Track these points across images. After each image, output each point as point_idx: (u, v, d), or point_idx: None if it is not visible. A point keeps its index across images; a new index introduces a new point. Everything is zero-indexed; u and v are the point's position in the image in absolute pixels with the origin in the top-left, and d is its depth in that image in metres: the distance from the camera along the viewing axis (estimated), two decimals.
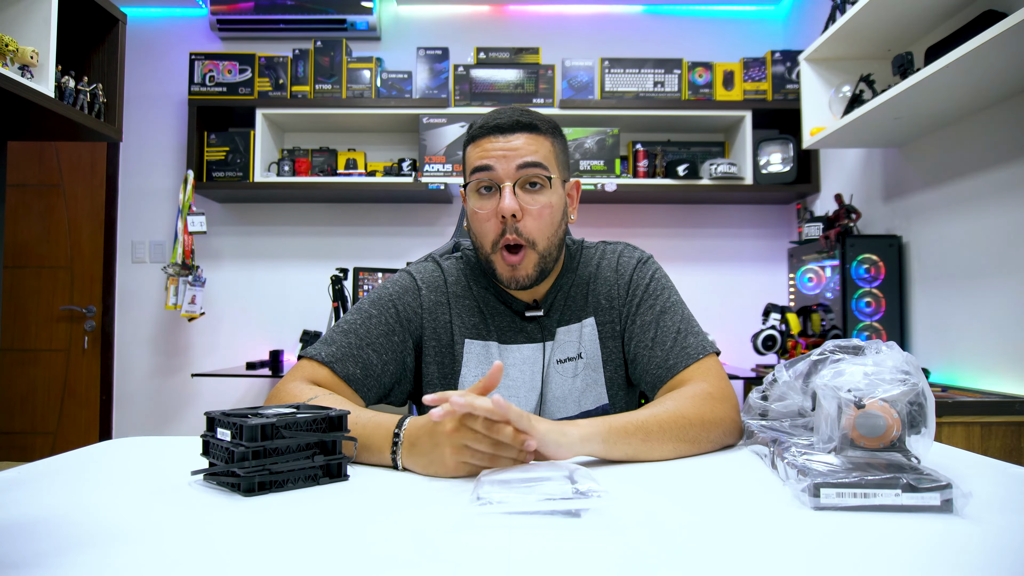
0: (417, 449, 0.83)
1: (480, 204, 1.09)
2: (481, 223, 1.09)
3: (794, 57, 3.08)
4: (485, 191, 1.09)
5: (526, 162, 1.07)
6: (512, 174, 1.06)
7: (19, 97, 1.63)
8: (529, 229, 1.07)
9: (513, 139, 1.08)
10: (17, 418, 3.36)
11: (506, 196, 1.05)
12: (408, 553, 0.56)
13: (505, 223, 1.06)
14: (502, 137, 1.08)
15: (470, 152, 1.12)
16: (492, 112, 1.12)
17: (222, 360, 3.33)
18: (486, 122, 1.10)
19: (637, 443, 0.88)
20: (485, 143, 1.09)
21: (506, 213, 1.05)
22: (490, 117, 1.11)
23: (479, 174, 1.08)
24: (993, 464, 0.86)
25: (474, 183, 1.09)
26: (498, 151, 1.07)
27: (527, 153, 1.07)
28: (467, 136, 1.14)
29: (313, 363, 1.05)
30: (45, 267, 3.39)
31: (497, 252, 1.09)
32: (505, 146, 1.07)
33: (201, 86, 3.11)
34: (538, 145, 1.09)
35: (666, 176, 3.13)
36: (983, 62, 1.62)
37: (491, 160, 1.07)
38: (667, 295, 1.15)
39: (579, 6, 3.42)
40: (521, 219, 1.06)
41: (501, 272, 1.10)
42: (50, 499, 0.72)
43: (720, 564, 0.54)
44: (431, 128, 3.07)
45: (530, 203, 1.07)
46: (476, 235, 1.12)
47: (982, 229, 2.01)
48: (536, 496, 0.66)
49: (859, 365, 0.75)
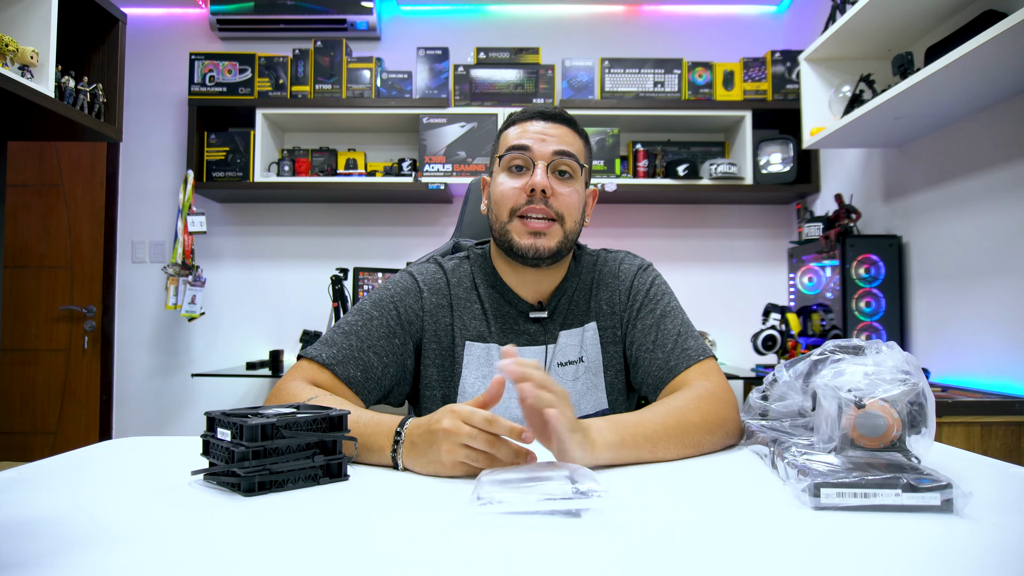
0: (417, 448, 0.82)
1: (509, 178, 1.11)
2: (506, 193, 1.11)
3: (794, 57, 3.08)
4: (516, 170, 1.11)
5: (562, 150, 1.10)
6: (547, 156, 1.10)
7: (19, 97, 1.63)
8: (558, 206, 1.10)
9: (553, 127, 1.12)
10: (17, 418, 3.36)
11: (538, 172, 1.08)
12: (408, 553, 0.56)
13: (532, 196, 1.08)
14: (543, 123, 1.12)
15: (508, 133, 1.15)
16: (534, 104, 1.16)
17: (222, 360, 3.33)
18: (529, 109, 1.15)
19: (644, 453, 0.88)
20: (526, 125, 1.13)
21: (537, 187, 1.08)
22: (532, 106, 1.17)
23: (514, 152, 1.11)
24: (993, 464, 0.86)
25: (507, 159, 1.12)
26: (537, 133, 1.11)
27: (564, 142, 1.11)
28: (506, 122, 1.18)
29: (313, 364, 1.05)
30: (45, 267, 3.39)
31: (515, 220, 1.10)
32: (544, 131, 1.11)
33: (201, 86, 3.11)
34: (574, 139, 1.14)
35: (666, 176, 3.13)
36: (983, 62, 1.62)
37: (529, 140, 1.10)
38: (667, 300, 1.16)
39: (579, 6, 3.42)
40: (550, 196, 1.09)
41: (518, 239, 1.10)
42: (50, 499, 0.72)
43: (720, 564, 0.54)
44: (431, 128, 3.07)
45: (560, 186, 1.10)
46: (496, 206, 1.13)
47: (982, 229, 2.01)
48: (536, 496, 0.65)
49: (859, 365, 0.75)
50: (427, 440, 0.81)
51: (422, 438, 0.82)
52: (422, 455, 0.82)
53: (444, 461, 0.79)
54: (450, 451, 0.79)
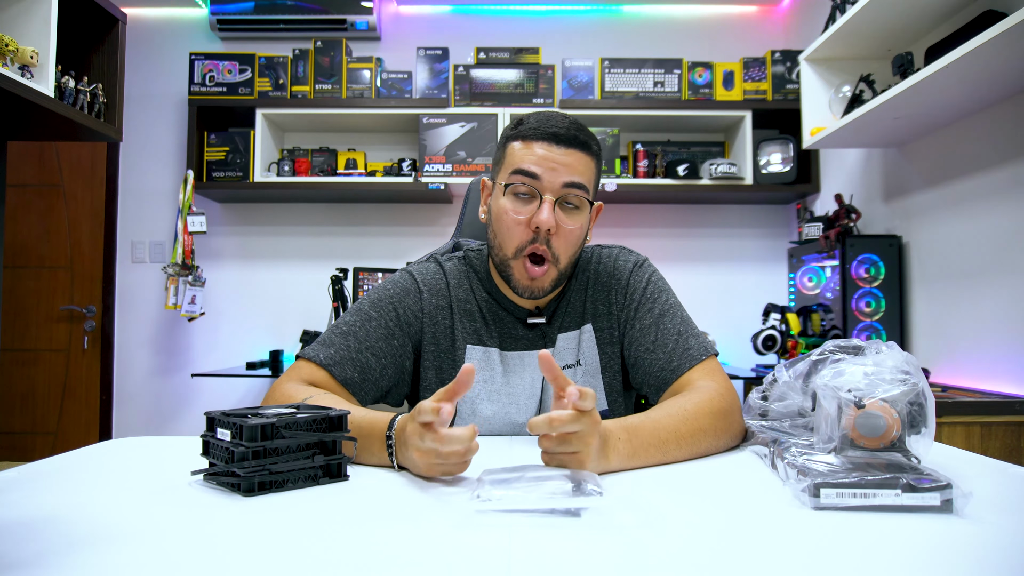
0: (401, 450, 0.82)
1: (514, 207, 1.06)
2: (511, 227, 1.06)
3: (794, 57, 3.08)
4: (523, 196, 1.06)
5: (573, 182, 1.05)
6: (557, 189, 1.04)
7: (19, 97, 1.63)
8: (558, 246, 1.06)
9: (565, 154, 1.05)
10: (17, 418, 3.36)
11: (545, 210, 1.03)
12: (408, 552, 0.56)
13: (537, 233, 1.05)
14: (556, 148, 1.04)
15: (516, 149, 1.07)
16: (545, 115, 1.08)
17: (222, 360, 3.33)
18: (541, 125, 1.06)
19: (654, 460, 0.88)
20: (536, 147, 1.05)
21: (542, 226, 1.03)
22: (545, 120, 1.06)
23: (522, 177, 1.05)
24: (993, 464, 0.86)
25: (514, 185, 1.06)
26: (548, 161, 1.04)
27: (576, 173, 1.05)
28: (515, 130, 1.09)
29: (311, 364, 1.04)
30: (45, 267, 3.39)
31: (520, 259, 1.07)
32: (556, 158, 1.04)
33: (201, 86, 3.11)
34: (585, 166, 1.07)
35: (666, 176, 3.13)
36: (983, 62, 1.62)
37: (540, 169, 1.04)
38: (665, 297, 1.14)
39: (579, 6, 3.42)
40: (554, 235, 1.05)
41: (519, 280, 1.08)
42: (50, 499, 0.72)
43: (720, 564, 0.54)
44: (431, 128, 3.07)
45: (565, 222, 1.05)
46: (499, 235, 1.09)
47: (982, 229, 2.01)
48: (536, 495, 0.66)
49: (859, 365, 0.75)
50: (403, 443, 0.81)
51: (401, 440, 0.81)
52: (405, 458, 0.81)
53: (418, 464, 0.78)
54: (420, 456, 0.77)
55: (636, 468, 0.86)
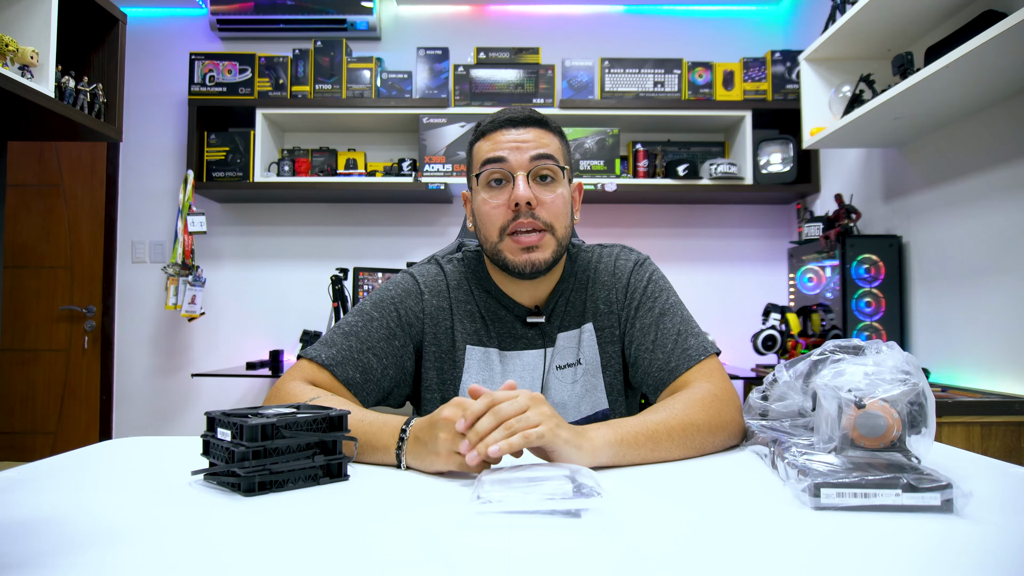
0: (419, 442, 0.84)
1: (491, 195, 1.08)
2: (490, 213, 1.08)
3: (794, 57, 3.08)
4: (496, 184, 1.08)
5: (540, 154, 1.07)
6: (525, 164, 1.06)
7: (19, 97, 1.63)
8: (546, 216, 1.07)
9: (525, 132, 1.08)
10: (17, 418, 3.36)
11: (520, 185, 1.05)
12: (408, 553, 0.56)
13: (517, 210, 1.05)
14: (514, 130, 1.08)
15: (480, 146, 1.10)
16: (499, 111, 1.12)
17: (222, 360, 3.33)
18: (496, 117, 1.10)
19: (646, 452, 0.88)
20: (496, 136, 1.08)
21: (520, 200, 1.04)
22: (499, 114, 1.10)
23: (491, 166, 1.07)
24: (993, 464, 0.86)
25: (485, 175, 1.08)
26: (510, 142, 1.07)
27: (540, 146, 1.08)
28: (475, 133, 1.13)
29: (313, 364, 1.05)
30: (45, 267, 3.39)
31: (505, 239, 1.07)
32: (517, 138, 1.07)
33: (201, 86, 3.10)
34: (549, 139, 1.09)
35: (666, 176, 3.13)
36: (983, 62, 1.62)
37: (504, 151, 1.06)
38: (665, 296, 1.14)
39: (579, 6, 3.42)
40: (536, 207, 1.06)
41: (512, 258, 1.07)
42: (50, 499, 0.72)
43: (720, 564, 0.54)
44: (431, 128, 3.07)
45: (543, 193, 1.07)
46: (483, 226, 1.10)
47: (982, 229, 2.01)
48: (536, 496, 0.66)
49: (859, 365, 0.75)
50: (429, 432, 0.83)
51: (424, 431, 0.84)
52: (423, 447, 0.83)
53: (440, 451, 0.80)
54: (447, 439, 0.80)
55: (631, 463, 0.87)
